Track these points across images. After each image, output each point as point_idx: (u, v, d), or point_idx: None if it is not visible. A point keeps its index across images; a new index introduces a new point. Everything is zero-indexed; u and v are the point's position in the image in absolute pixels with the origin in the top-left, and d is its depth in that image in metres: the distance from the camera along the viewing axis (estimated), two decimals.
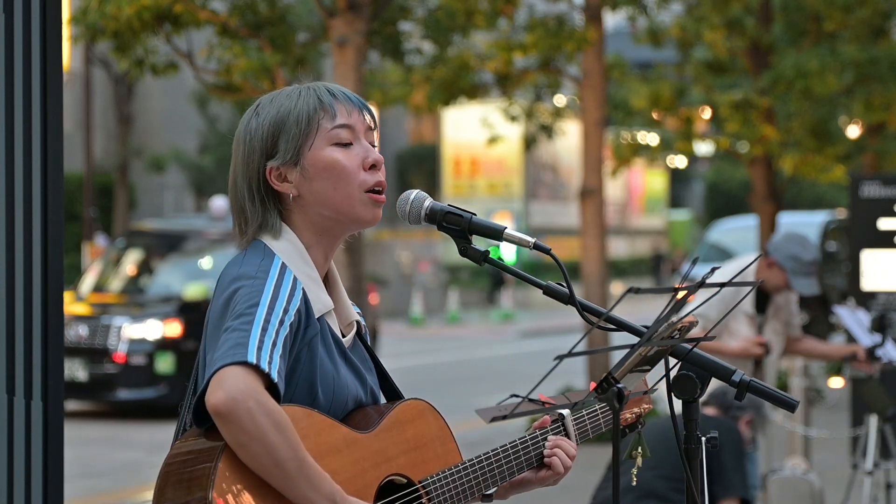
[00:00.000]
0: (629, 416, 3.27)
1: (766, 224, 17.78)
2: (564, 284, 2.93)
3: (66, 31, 12.42)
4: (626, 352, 2.76)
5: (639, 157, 19.16)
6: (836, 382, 13.55)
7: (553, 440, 3.10)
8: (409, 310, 32.19)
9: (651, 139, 19.52)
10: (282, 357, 2.72)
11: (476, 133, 23.53)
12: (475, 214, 2.97)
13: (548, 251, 2.92)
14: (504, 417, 2.89)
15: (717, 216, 42.29)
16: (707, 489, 2.93)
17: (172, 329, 15.59)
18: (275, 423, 2.64)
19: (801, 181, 37.52)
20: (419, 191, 2.99)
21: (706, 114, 18.08)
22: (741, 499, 6.40)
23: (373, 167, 2.92)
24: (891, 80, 17.18)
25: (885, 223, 11.20)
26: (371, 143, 2.95)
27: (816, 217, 26.06)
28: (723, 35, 17.77)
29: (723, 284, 2.80)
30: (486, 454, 3.04)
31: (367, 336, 3.08)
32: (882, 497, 8.30)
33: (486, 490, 3.03)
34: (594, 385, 2.77)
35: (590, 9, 14.82)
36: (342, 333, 2.96)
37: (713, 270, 2.82)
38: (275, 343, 2.71)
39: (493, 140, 17.74)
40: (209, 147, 36.68)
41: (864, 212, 11.32)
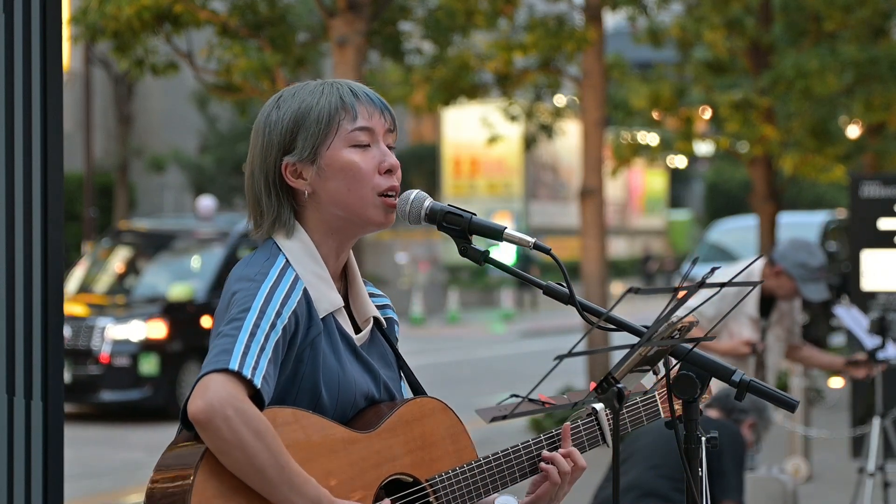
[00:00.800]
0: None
1: (766, 224, 17.78)
2: (564, 284, 2.93)
3: (66, 31, 12.41)
4: (627, 352, 2.76)
5: (639, 157, 19.15)
6: (836, 382, 13.55)
7: (549, 456, 3.03)
8: (410, 310, 32.19)
9: (651, 139, 19.51)
10: (271, 361, 2.72)
11: (476, 133, 23.52)
12: (475, 214, 2.97)
13: (548, 251, 2.92)
14: (504, 417, 2.89)
15: (717, 216, 42.28)
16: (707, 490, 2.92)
17: (157, 330, 15.41)
18: (254, 431, 2.65)
19: (801, 181, 37.52)
20: (419, 191, 2.99)
21: (706, 114, 18.08)
22: (738, 503, 6.38)
23: (388, 172, 2.92)
24: (891, 80, 17.18)
25: (885, 223, 11.20)
26: (390, 145, 2.95)
27: (816, 217, 26.07)
28: (723, 35, 17.77)
29: (723, 284, 2.79)
30: (496, 453, 3.02)
31: (396, 330, 3.08)
32: (880, 495, 8.29)
33: (498, 489, 2.99)
34: (594, 385, 2.77)
35: (590, 9, 14.81)
36: (357, 329, 2.96)
37: (713, 270, 2.82)
38: (263, 348, 2.72)
39: (493, 140, 17.73)
40: (209, 147, 36.70)
41: (864, 212, 11.32)
